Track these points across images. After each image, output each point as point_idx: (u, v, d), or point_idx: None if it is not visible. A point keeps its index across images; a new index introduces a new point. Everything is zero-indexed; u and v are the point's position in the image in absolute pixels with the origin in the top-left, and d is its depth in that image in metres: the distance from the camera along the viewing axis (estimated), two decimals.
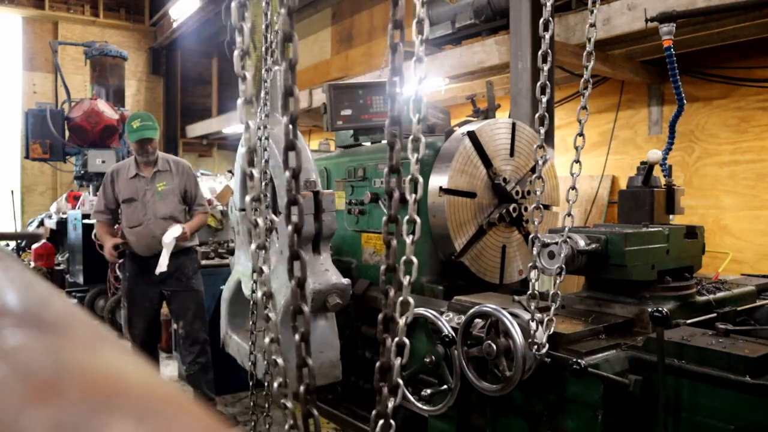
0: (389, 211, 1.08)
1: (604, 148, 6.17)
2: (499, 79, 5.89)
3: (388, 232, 1.08)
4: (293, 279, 1.06)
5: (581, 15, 4.71)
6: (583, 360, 1.94)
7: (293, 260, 1.06)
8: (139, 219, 4.10)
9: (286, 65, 1.01)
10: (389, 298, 1.11)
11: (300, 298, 1.07)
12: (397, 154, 1.07)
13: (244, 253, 2.13)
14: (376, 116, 3.46)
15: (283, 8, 0.99)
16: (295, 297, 1.06)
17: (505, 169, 3.22)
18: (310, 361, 1.07)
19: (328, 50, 10.75)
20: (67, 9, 12.82)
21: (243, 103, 1.23)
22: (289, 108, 1.04)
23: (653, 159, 2.64)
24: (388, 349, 1.10)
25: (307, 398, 1.06)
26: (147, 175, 4.15)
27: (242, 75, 1.21)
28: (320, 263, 2.59)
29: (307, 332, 1.08)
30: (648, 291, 2.38)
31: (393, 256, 1.10)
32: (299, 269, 1.06)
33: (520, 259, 3.32)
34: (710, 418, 1.84)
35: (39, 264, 7.39)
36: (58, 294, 0.39)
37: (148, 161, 4.16)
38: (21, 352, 0.27)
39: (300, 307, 1.07)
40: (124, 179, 4.17)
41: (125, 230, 4.19)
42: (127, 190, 4.15)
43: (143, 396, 0.26)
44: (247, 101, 1.23)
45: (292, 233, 1.04)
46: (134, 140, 4.08)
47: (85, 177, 8.33)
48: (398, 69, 1.08)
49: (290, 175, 1.03)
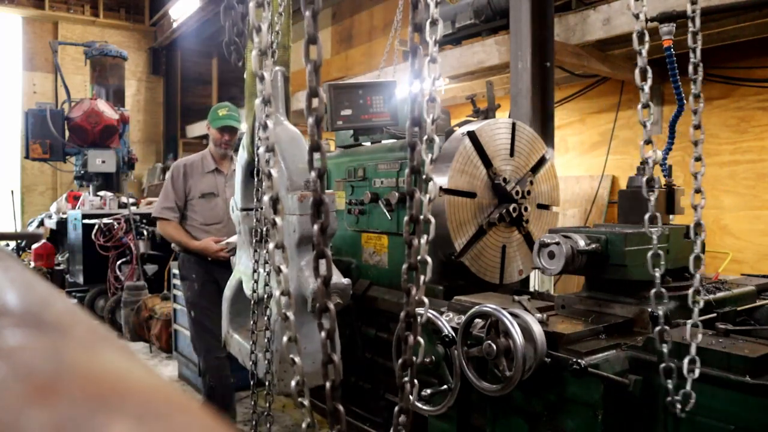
0: (410, 211, 1.09)
1: (604, 148, 6.17)
2: (499, 79, 5.89)
3: (410, 232, 1.09)
4: (319, 277, 1.06)
5: (581, 15, 4.71)
6: (583, 360, 1.94)
7: (319, 258, 1.06)
8: (219, 216, 3.85)
9: (311, 67, 1.01)
10: (411, 296, 1.12)
11: (326, 295, 1.08)
12: (419, 156, 1.08)
13: (246, 253, 2.13)
14: (376, 116, 3.45)
15: (308, 11, 0.99)
16: (321, 294, 1.06)
17: (505, 169, 3.22)
18: (336, 356, 1.09)
19: (328, 50, 10.75)
20: (67, 9, 12.82)
21: (261, 103, 1.22)
22: (313, 108, 1.04)
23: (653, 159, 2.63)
24: (410, 347, 1.12)
25: (334, 395, 1.08)
26: (226, 171, 3.94)
27: (260, 75, 1.21)
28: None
29: (333, 329, 1.09)
30: (648, 291, 2.38)
31: (414, 255, 1.12)
32: (325, 267, 1.06)
33: (520, 259, 3.32)
34: (710, 418, 1.84)
35: (39, 264, 7.40)
36: (58, 294, 0.39)
37: (225, 155, 3.94)
38: (21, 352, 0.27)
39: (326, 304, 1.07)
40: (199, 174, 3.91)
41: (195, 228, 3.87)
42: (205, 186, 3.90)
43: (143, 396, 0.26)
44: (265, 101, 1.22)
45: (319, 232, 1.04)
46: (217, 126, 3.86)
47: (85, 177, 8.34)
48: (418, 71, 1.09)
49: (316, 175, 1.03)
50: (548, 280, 4.77)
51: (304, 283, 1.76)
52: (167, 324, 5.16)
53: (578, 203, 6.29)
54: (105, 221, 6.39)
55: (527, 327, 2.09)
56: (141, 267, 6.29)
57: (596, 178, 6.19)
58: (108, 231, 6.36)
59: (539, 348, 2.06)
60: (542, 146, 3.42)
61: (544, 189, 3.40)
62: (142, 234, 6.42)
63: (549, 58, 4.36)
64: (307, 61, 1.02)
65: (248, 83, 1.85)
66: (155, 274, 6.46)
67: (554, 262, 2.32)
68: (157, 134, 13.94)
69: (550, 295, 3.00)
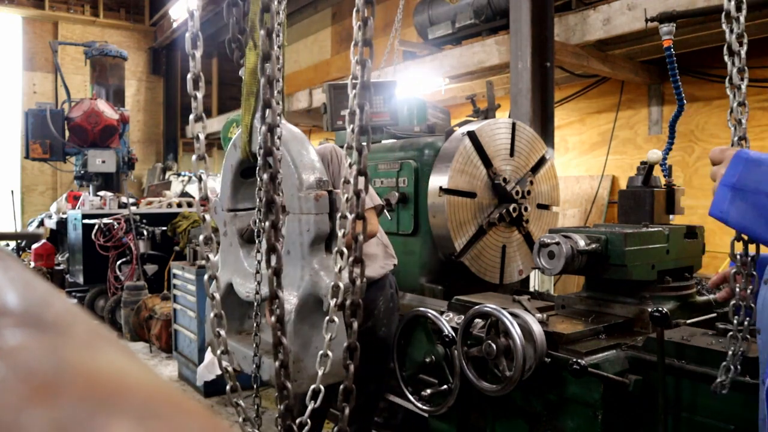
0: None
1: (604, 148, 6.17)
2: (499, 79, 5.89)
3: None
4: (359, 278, 1.06)
5: (581, 15, 4.71)
6: (583, 360, 1.94)
7: (358, 264, 1.05)
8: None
9: (363, 78, 1.01)
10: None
11: (358, 294, 1.07)
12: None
13: (233, 255, 2.11)
14: (376, 116, 3.45)
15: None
16: (360, 293, 1.05)
17: (505, 169, 3.22)
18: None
19: (328, 50, 10.75)
20: (67, 9, 12.82)
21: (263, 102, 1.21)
22: (360, 115, 1.03)
23: (653, 159, 2.63)
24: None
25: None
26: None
27: (260, 74, 1.20)
28: (332, 262, 2.55)
29: (352, 328, 1.09)
30: (648, 291, 2.38)
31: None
32: (360, 272, 1.05)
33: (520, 259, 3.32)
34: (710, 418, 1.84)
35: (39, 264, 7.40)
36: (58, 294, 0.39)
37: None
38: (21, 352, 0.27)
39: (358, 301, 1.07)
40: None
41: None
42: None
43: (144, 396, 0.26)
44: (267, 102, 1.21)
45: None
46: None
47: (85, 177, 8.34)
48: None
49: (356, 173, 1.03)
50: (548, 280, 4.77)
51: (320, 282, 1.75)
52: (167, 324, 5.16)
53: (578, 203, 6.29)
54: (105, 221, 6.39)
55: (527, 327, 2.09)
56: (141, 267, 6.29)
57: (596, 178, 6.19)
58: (108, 231, 6.36)
59: (539, 348, 2.06)
60: (542, 146, 3.42)
61: (544, 189, 3.40)
62: (142, 234, 6.42)
63: (549, 58, 4.36)
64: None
65: (246, 82, 1.84)
66: (155, 274, 6.46)
67: (554, 262, 2.32)
68: (157, 134, 13.94)
69: (550, 295, 3.00)
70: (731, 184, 1.29)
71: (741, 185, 1.27)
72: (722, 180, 1.31)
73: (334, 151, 2.50)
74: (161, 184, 10.15)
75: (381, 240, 2.67)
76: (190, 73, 1.15)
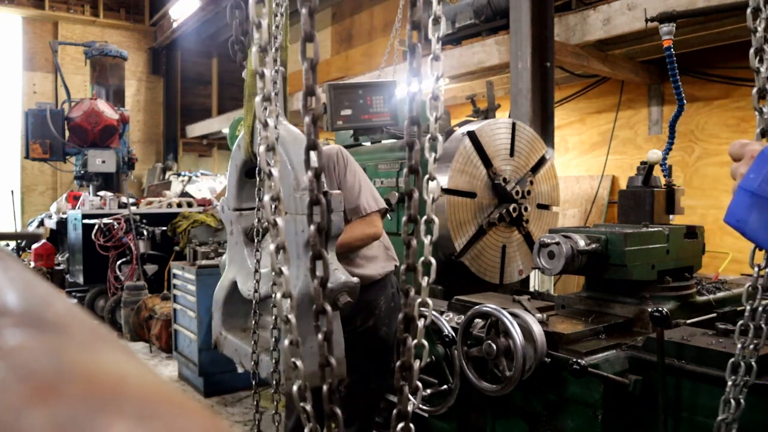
0: (408, 212, 1.08)
1: (604, 148, 6.17)
2: (499, 79, 5.90)
3: (408, 232, 1.09)
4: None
5: (581, 15, 4.71)
6: (583, 360, 1.94)
7: (318, 260, 1.04)
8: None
9: (307, 65, 1.00)
10: (409, 297, 1.11)
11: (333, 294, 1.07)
12: (417, 155, 1.07)
13: (238, 254, 2.12)
14: (376, 116, 3.45)
15: (304, 8, 0.96)
16: (329, 294, 1.04)
17: (505, 169, 3.22)
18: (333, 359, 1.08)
19: (328, 50, 10.75)
20: (67, 9, 12.82)
21: (261, 101, 1.20)
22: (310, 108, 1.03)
23: (653, 159, 2.64)
24: (408, 349, 1.11)
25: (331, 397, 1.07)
26: None
27: (260, 72, 1.19)
28: (329, 262, 2.54)
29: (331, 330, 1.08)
30: (648, 291, 2.38)
31: (413, 256, 1.10)
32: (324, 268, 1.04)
33: (520, 259, 3.32)
34: (710, 418, 1.84)
35: (39, 264, 7.40)
36: (58, 294, 0.39)
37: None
38: (21, 352, 0.27)
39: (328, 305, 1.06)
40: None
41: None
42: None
43: (144, 396, 0.26)
44: (265, 98, 1.20)
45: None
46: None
47: (85, 177, 8.34)
48: (417, 69, 1.08)
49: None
50: (548, 280, 4.76)
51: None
52: (167, 324, 5.16)
53: (578, 203, 6.29)
54: (105, 221, 6.38)
55: (527, 327, 2.09)
56: (141, 267, 6.28)
57: (596, 178, 6.19)
58: (108, 231, 6.36)
59: (539, 348, 2.06)
60: (542, 146, 3.42)
61: (544, 189, 3.40)
62: (142, 234, 6.42)
63: (549, 58, 4.36)
64: (303, 59, 1.01)
65: (248, 83, 1.85)
66: (155, 274, 6.46)
67: (554, 262, 2.32)
68: (157, 134, 13.94)
69: (550, 295, 3.00)
70: (752, 189, 1.05)
71: (763, 191, 1.03)
72: (741, 183, 1.07)
73: (340, 152, 2.50)
74: (161, 184, 10.15)
75: (383, 242, 2.68)
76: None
